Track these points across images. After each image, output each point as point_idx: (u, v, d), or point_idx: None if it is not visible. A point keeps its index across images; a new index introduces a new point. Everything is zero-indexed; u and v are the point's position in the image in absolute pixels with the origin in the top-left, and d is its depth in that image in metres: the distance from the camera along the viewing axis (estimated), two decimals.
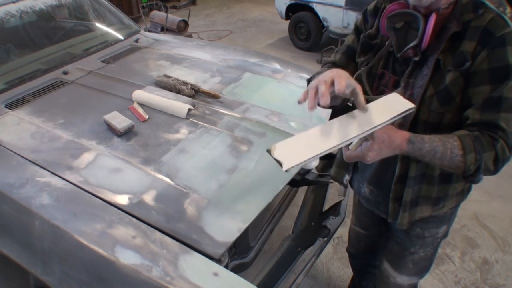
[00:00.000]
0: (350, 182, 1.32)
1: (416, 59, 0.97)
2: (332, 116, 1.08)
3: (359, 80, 1.08)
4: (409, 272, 1.32)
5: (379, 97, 0.96)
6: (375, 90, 1.07)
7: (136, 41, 2.42)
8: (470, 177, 0.91)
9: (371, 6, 1.12)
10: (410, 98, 0.97)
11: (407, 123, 0.99)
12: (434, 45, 0.93)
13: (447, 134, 0.91)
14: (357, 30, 1.15)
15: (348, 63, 1.16)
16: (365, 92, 1.05)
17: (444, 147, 0.88)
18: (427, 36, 0.91)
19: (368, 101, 0.91)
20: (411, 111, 0.85)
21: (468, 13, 0.90)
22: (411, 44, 0.94)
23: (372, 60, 1.06)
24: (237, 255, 1.42)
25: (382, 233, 1.42)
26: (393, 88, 1.03)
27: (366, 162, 0.88)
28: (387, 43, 1.03)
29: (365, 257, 1.64)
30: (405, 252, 1.27)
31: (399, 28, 0.98)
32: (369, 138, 0.86)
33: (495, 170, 0.90)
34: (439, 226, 1.21)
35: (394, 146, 0.88)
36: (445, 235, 1.27)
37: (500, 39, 0.87)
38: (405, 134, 0.89)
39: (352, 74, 1.04)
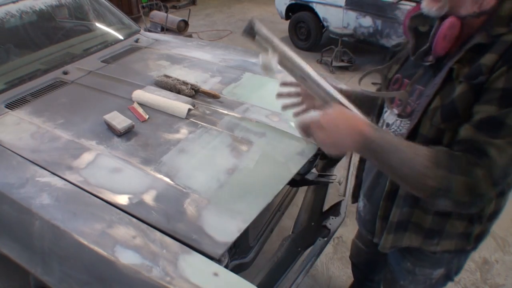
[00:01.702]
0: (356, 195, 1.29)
1: (427, 63, 0.91)
2: None
3: (381, 87, 1.07)
4: None
5: (381, 94, 0.99)
6: None
7: (136, 41, 2.42)
8: (429, 197, 0.80)
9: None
10: (415, 108, 0.92)
11: (405, 134, 0.92)
12: (454, 54, 0.85)
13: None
14: None
15: None
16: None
17: (408, 150, 0.78)
18: (437, 39, 0.84)
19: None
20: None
21: (501, 26, 0.80)
22: (424, 47, 0.90)
23: (392, 64, 1.02)
24: (237, 255, 1.42)
25: (381, 253, 1.33)
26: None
27: (315, 136, 0.81)
28: (407, 46, 0.98)
29: (365, 270, 1.62)
30: (396, 284, 1.22)
31: (423, 31, 0.93)
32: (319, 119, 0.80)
33: (469, 203, 0.78)
34: (434, 268, 1.09)
35: (352, 124, 0.79)
36: (447, 278, 1.13)
37: None
38: (363, 121, 0.81)
39: None
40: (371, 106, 1.16)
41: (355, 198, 1.33)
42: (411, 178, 0.78)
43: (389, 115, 1.02)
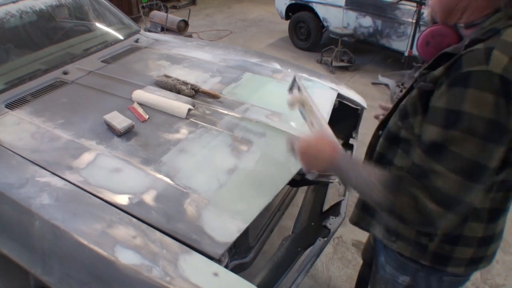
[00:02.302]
0: None
1: (417, 65, 0.98)
2: None
3: None
4: None
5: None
6: None
7: (136, 41, 2.42)
8: (384, 212, 0.83)
9: None
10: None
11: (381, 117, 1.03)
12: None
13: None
14: None
15: None
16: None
17: (367, 173, 0.86)
18: (418, 44, 0.91)
19: None
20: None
21: (476, 37, 0.76)
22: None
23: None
24: (237, 255, 1.42)
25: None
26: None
27: (297, 153, 0.98)
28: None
29: (368, 271, 1.59)
30: (374, 277, 1.21)
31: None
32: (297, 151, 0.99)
33: (418, 221, 0.78)
34: (400, 272, 1.06)
35: (325, 150, 0.93)
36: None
37: (464, 76, 0.70)
38: (335, 148, 0.93)
39: None
40: None
41: None
42: (367, 196, 0.86)
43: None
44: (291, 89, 1.27)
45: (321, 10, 4.78)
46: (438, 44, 0.86)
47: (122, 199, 1.22)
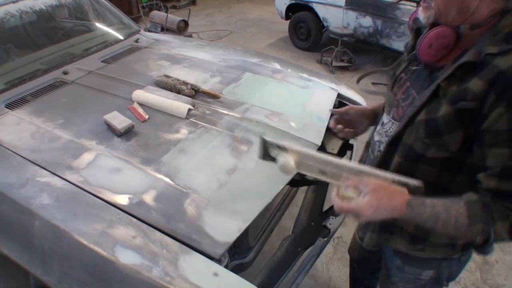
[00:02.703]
0: None
1: (414, 68, 0.93)
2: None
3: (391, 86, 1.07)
4: None
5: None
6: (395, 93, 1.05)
7: (136, 41, 2.42)
8: (479, 247, 0.83)
9: None
10: (404, 115, 0.93)
11: (391, 138, 0.94)
12: (447, 68, 0.83)
13: (452, 198, 0.82)
14: None
15: None
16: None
17: (447, 214, 0.80)
18: (421, 46, 0.85)
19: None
20: (415, 186, 0.83)
21: (495, 44, 0.75)
22: (413, 52, 0.91)
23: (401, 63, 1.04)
24: (237, 255, 1.42)
25: (374, 251, 1.32)
26: (403, 94, 0.97)
27: (359, 220, 0.82)
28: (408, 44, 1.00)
29: (357, 268, 1.60)
30: (388, 281, 1.21)
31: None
32: (365, 190, 0.82)
33: (510, 239, 0.80)
34: (422, 268, 1.09)
35: (392, 205, 0.81)
36: (438, 283, 1.12)
37: None
38: (404, 196, 0.83)
39: None
40: None
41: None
42: (458, 236, 0.84)
43: (385, 115, 1.04)
44: (264, 156, 1.04)
45: (321, 10, 4.78)
46: (439, 46, 0.84)
47: (122, 199, 1.22)
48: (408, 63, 0.98)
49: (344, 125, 1.17)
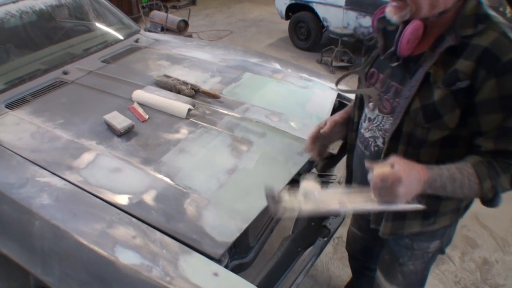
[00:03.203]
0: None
1: (393, 64, 0.96)
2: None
3: (359, 81, 1.11)
4: (400, 284, 1.29)
5: (357, 91, 1.10)
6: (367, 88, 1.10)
7: (136, 41, 2.42)
8: (489, 202, 0.93)
9: None
10: (396, 106, 0.97)
11: (389, 132, 0.98)
12: (428, 55, 0.90)
13: (459, 162, 0.90)
14: None
15: None
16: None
17: (461, 175, 0.87)
18: (401, 43, 0.89)
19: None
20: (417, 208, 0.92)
21: (468, 27, 0.84)
22: (389, 50, 0.95)
23: (368, 60, 1.09)
24: (237, 255, 1.42)
25: (377, 238, 1.40)
26: (382, 87, 1.03)
27: (397, 192, 0.84)
28: (379, 44, 1.03)
29: (361, 258, 1.63)
30: (395, 263, 1.25)
31: (391, 30, 0.98)
32: (397, 162, 0.86)
33: (506, 190, 0.90)
34: (430, 241, 1.17)
35: (417, 170, 0.86)
36: (440, 251, 1.22)
37: (509, 65, 0.80)
38: (421, 165, 0.88)
39: None
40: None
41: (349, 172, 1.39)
42: (471, 194, 0.90)
43: (370, 111, 1.08)
44: (274, 203, 0.98)
45: (321, 10, 4.78)
46: (414, 39, 0.90)
47: (122, 199, 1.22)
48: (375, 59, 1.06)
49: (322, 140, 1.22)
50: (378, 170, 0.85)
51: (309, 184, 0.96)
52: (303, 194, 0.96)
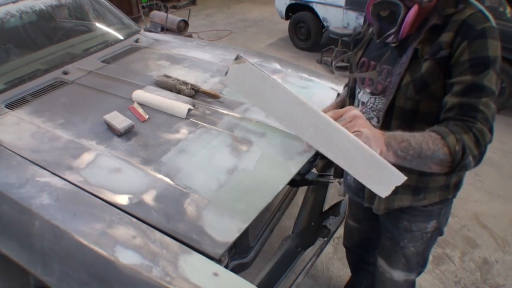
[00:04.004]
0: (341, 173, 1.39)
1: (393, 45, 1.03)
2: None
3: (350, 67, 1.18)
4: (403, 267, 1.32)
5: (357, 75, 1.12)
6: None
7: (136, 41, 2.42)
8: (460, 163, 0.85)
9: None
10: (388, 85, 1.04)
11: (382, 110, 1.05)
12: (414, 35, 0.98)
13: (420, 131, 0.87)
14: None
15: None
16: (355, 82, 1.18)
17: (421, 136, 0.84)
18: (405, 25, 0.95)
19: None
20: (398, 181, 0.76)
21: (449, 7, 0.95)
22: (391, 31, 0.99)
23: (356, 49, 1.15)
24: (237, 255, 1.42)
25: (374, 228, 1.42)
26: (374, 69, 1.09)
27: (361, 131, 0.81)
28: (370, 30, 1.10)
29: (359, 252, 1.64)
30: (396, 247, 1.29)
31: (384, 16, 1.03)
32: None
33: (479, 155, 0.87)
34: (427, 221, 1.21)
35: (368, 123, 0.80)
36: (439, 232, 1.26)
37: (481, 31, 0.90)
38: (381, 132, 0.83)
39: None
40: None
41: (338, 173, 1.45)
42: (441, 158, 0.84)
43: (363, 95, 1.14)
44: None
45: (321, 10, 4.78)
46: (414, 22, 0.96)
47: (122, 199, 1.22)
48: (365, 47, 1.13)
49: None
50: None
51: None
52: None
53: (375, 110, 1.11)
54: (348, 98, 1.24)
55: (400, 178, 0.75)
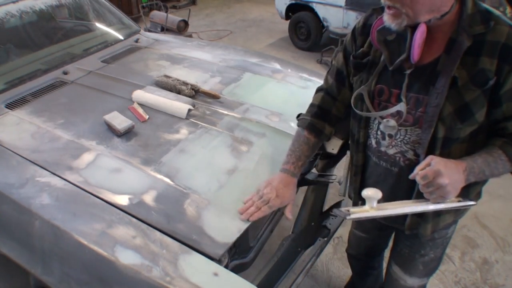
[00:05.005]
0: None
1: (408, 71, 0.95)
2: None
3: (360, 99, 1.07)
4: (420, 274, 1.31)
5: (383, 112, 1.03)
6: (377, 107, 1.05)
7: (136, 41, 2.42)
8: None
9: (359, 23, 1.08)
10: (421, 116, 0.96)
11: (422, 143, 0.98)
12: (445, 59, 0.90)
13: (485, 147, 0.97)
14: (346, 50, 1.13)
15: (339, 90, 1.19)
16: (367, 110, 1.06)
17: (493, 157, 0.94)
18: (414, 48, 0.89)
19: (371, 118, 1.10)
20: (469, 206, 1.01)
21: (477, 25, 0.87)
22: (401, 58, 0.93)
23: (370, 77, 1.04)
24: (237, 255, 1.42)
25: (382, 236, 1.41)
26: (397, 102, 1.00)
27: (446, 194, 0.91)
28: (382, 57, 1.00)
29: (365, 259, 1.63)
30: (415, 255, 1.27)
31: (391, 40, 0.97)
32: (433, 161, 0.91)
33: None
34: (448, 227, 1.20)
35: (454, 166, 0.91)
36: (453, 233, 1.27)
37: None
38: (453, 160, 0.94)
39: (346, 99, 1.16)
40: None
41: (356, 196, 1.33)
42: (503, 173, 0.97)
43: (386, 127, 1.04)
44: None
45: (321, 10, 4.78)
46: (422, 44, 0.90)
47: (122, 199, 1.22)
48: (379, 74, 1.02)
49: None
50: (418, 172, 0.91)
51: (370, 191, 1.00)
52: (366, 199, 1.00)
53: (409, 143, 1.02)
54: (363, 129, 1.13)
55: (470, 205, 1.02)
